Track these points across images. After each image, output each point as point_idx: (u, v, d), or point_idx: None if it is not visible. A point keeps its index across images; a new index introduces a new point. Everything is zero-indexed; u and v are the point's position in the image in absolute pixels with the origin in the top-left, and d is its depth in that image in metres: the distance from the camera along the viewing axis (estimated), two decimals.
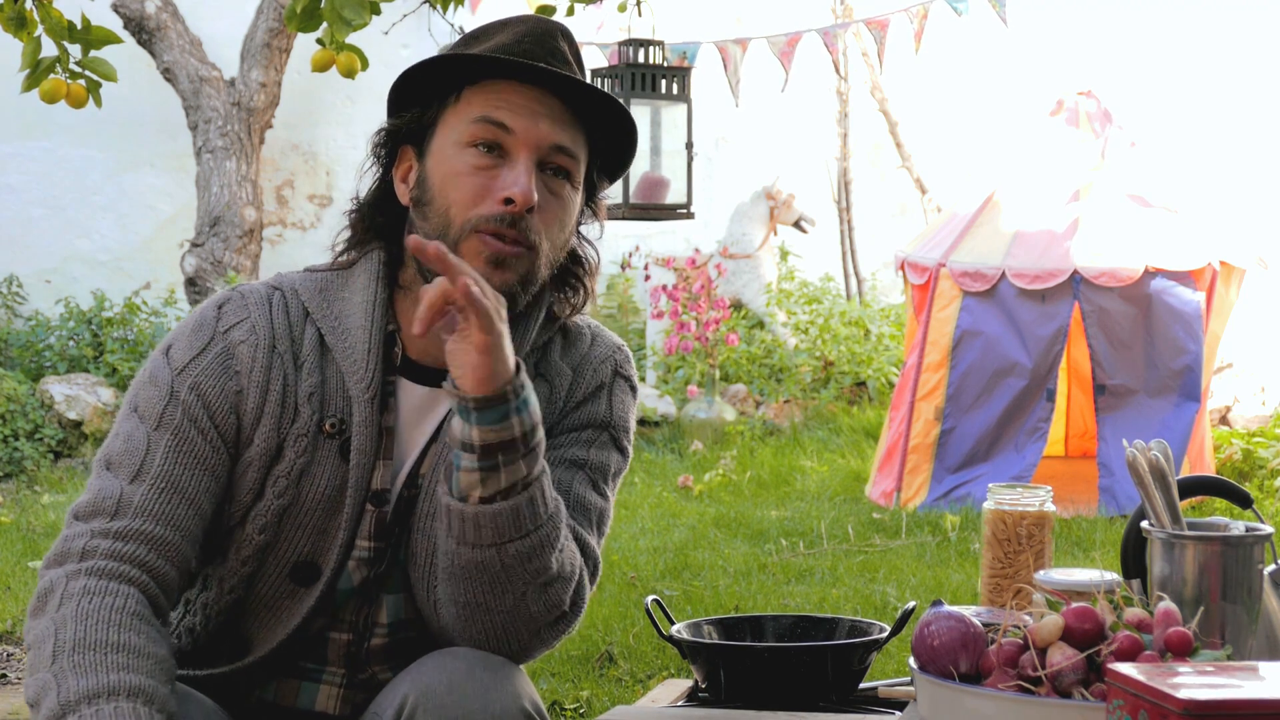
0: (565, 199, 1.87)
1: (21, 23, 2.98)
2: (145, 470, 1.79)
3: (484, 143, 1.82)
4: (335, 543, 1.87)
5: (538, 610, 1.79)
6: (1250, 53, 9.75)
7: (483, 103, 1.83)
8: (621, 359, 2.01)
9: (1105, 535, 5.91)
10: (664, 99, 4.46)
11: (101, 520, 1.76)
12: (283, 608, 1.90)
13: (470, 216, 1.81)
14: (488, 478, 1.72)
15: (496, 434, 1.70)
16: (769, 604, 4.91)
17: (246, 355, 1.85)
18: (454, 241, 1.81)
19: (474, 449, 1.71)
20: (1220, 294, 6.51)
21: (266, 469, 1.85)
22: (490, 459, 1.71)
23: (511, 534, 1.74)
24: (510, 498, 1.73)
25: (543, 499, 1.75)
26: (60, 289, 9.13)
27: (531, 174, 1.82)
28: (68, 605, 1.69)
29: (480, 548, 1.75)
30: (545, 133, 1.83)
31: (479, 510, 1.73)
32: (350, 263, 1.93)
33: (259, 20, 8.91)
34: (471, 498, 1.73)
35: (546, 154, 1.84)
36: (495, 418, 1.70)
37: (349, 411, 1.86)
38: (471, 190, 1.82)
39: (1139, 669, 1.39)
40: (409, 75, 1.87)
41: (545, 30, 1.87)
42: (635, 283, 9.50)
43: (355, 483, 1.86)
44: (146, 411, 1.83)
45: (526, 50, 1.84)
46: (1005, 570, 2.19)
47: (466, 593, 1.78)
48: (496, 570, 1.76)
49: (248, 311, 1.88)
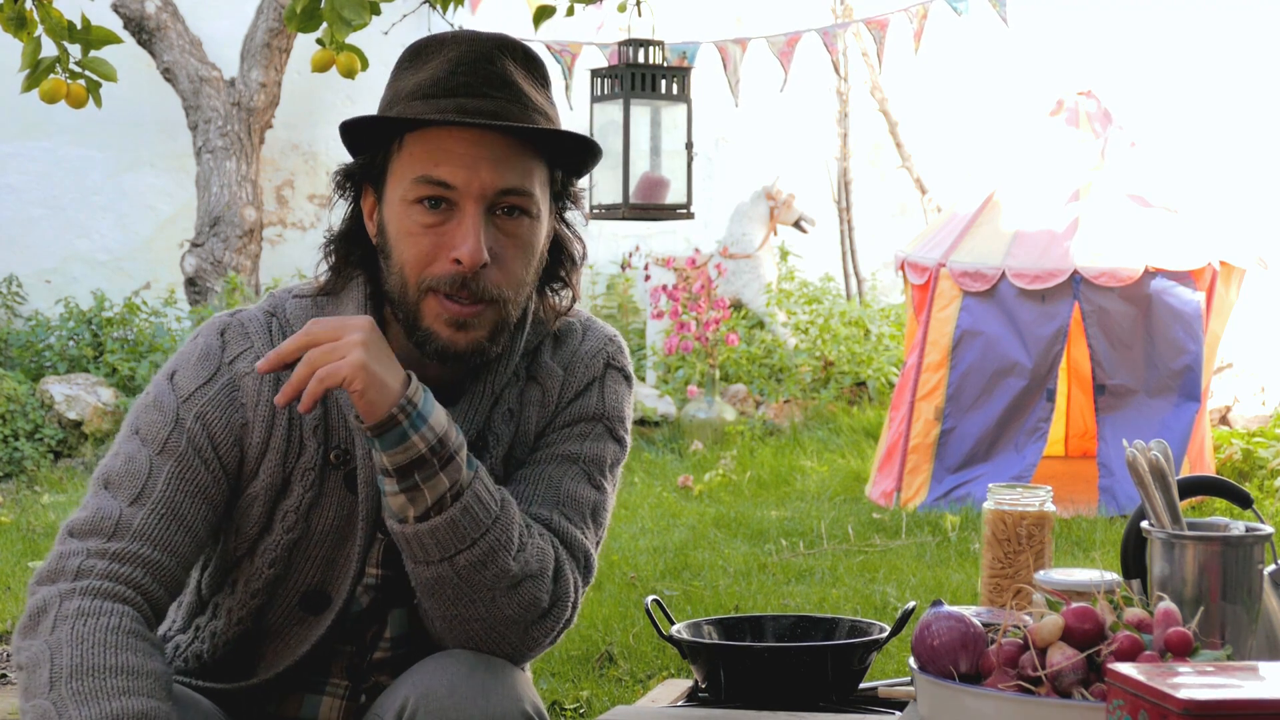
0: (524, 236, 1.83)
1: (21, 23, 2.98)
2: (146, 494, 1.78)
3: (428, 199, 1.78)
4: (346, 573, 1.87)
5: (513, 612, 1.78)
6: (1250, 53, 9.75)
7: (422, 156, 1.78)
8: (613, 350, 1.99)
9: (1105, 535, 5.91)
10: (664, 99, 4.46)
11: (98, 540, 1.75)
12: (293, 634, 1.90)
13: (424, 277, 1.79)
14: (413, 497, 1.72)
15: (403, 455, 1.70)
16: (769, 604, 4.91)
17: (252, 388, 1.84)
18: (414, 302, 1.80)
19: (390, 473, 1.72)
20: (1220, 294, 6.50)
21: (273, 503, 1.85)
22: (408, 479, 1.71)
23: (456, 545, 1.74)
24: (444, 511, 1.73)
25: (480, 506, 1.75)
26: (60, 289, 9.13)
27: (479, 228, 1.77)
28: (62, 628, 1.67)
29: (431, 564, 1.75)
30: (488, 180, 1.77)
31: (417, 529, 1.74)
32: (337, 289, 1.91)
33: (259, 20, 8.91)
34: (408, 518, 1.74)
35: (494, 200, 1.79)
36: (393, 441, 1.70)
37: (351, 441, 1.86)
38: (422, 251, 1.79)
39: (1139, 669, 1.39)
40: (348, 129, 1.82)
41: (480, 54, 1.81)
42: (635, 283, 9.50)
43: (365, 514, 1.86)
44: (149, 436, 1.82)
45: (461, 85, 1.78)
46: (1005, 570, 2.19)
47: (439, 607, 1.79)
48: (455, 583, 1.76)
49: (250, 341, 1.87)
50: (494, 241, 1.80)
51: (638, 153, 4.47)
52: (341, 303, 1.90)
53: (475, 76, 1.80)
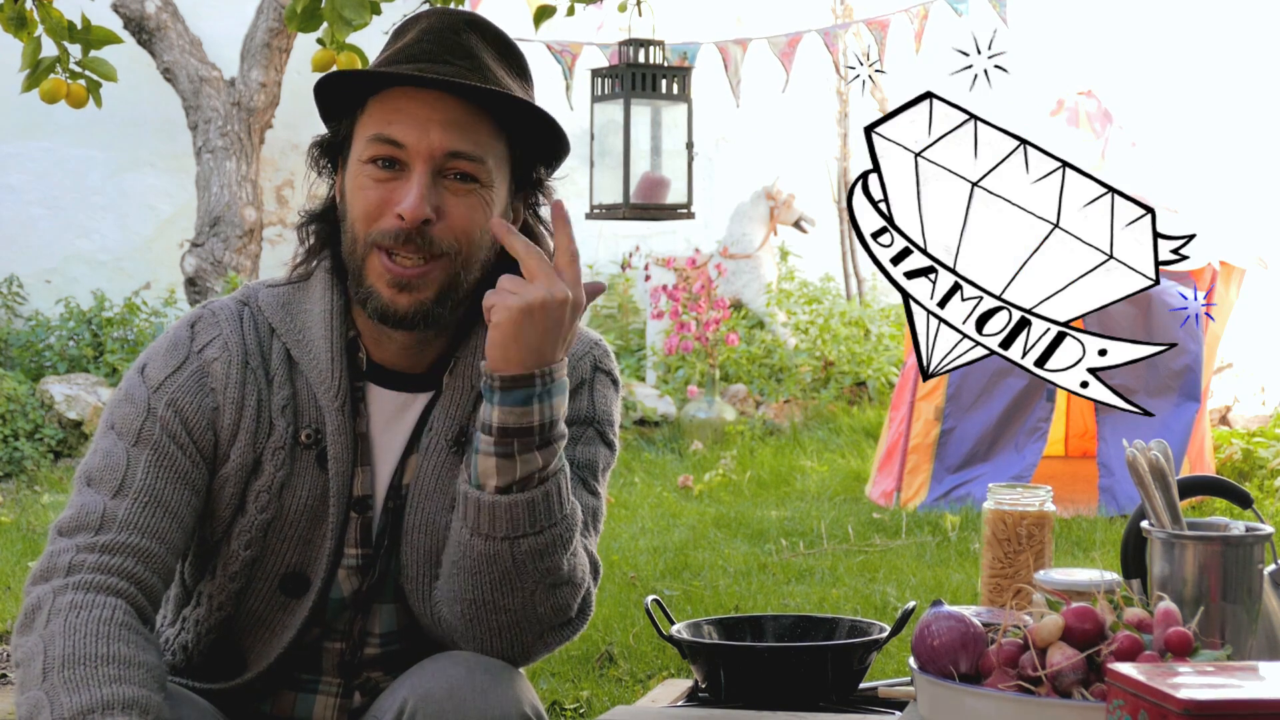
0: (474, 201, 1.83)
1: (21, 23, 2.98)
2: (127, 485, 1.79)
3: (380, 159, 1.82)
4: (322, 552, 1.88)
5: (544, 612, 1.79)
6: (1250, 53, 9.75)
7: (378, 117, 1.83)
8: (600, 354, 2.00)
9: (1105, 535, 5.91)
10: (664, 99, 4.46)
11: (86, 535, 1.76)
12: (275, 621, 1.90)
13: (370, 231, 1.82)
14: (503, 465, 1.73)
15: (515, 418, 1.71)
16: (769, 604, 4.91)
17: (220, 372, 1.85)
18: (360, 258, 1.83)
19: (491, 430, 1.72)
20: (1220, 294, 6.51)
21: (245, 484, 1.86)
22: (506, 444, 1.72)
23: (526, 528, 1.74)
24: (527, 490, 1.74)
25: (559, 497, 1.76)
26: (60, 289, 9.13)
27: (424, 187, 1.80)
28: (56, 621, 1.68)
29: (494, 540, 1.75)
30: (437, 142, 1.80)
31: (494, 500, 1.74)
32: (307, 274, 1.94)
33: (259, 20, 8.91)
34: (488, 486, 1.74)
35: (443, 162, 1.81)
36: (517, 400, 1.71)
37: (322, 421, 1.87)
38: (370, 205, 1.82)
39: (1139, 669, 1.39)
40: (319, 94, 1.88)
41: (447, 25, 1.86)
42: (635, 283, 9.50)
43: (336, 490, 1.86)
44: (124, 428, 1.83)
45: (424, 52, 1.83)
46: (1005, 570, 2.19)
47: (475, 589, 1.78)
48: (507, 565, 1.76)
49: (220, 329, 1.89)
50: (440, 200, 1.82)
51: (638, 153, 4.47)
52: (310, 287, 1.92)
53: (439, 45, 1.84)
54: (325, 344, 1.87)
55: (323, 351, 1.87)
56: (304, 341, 1.89)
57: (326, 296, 1.90)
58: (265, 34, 8.87)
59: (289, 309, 1.91)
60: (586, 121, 4.52)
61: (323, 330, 1.88)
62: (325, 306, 1.89)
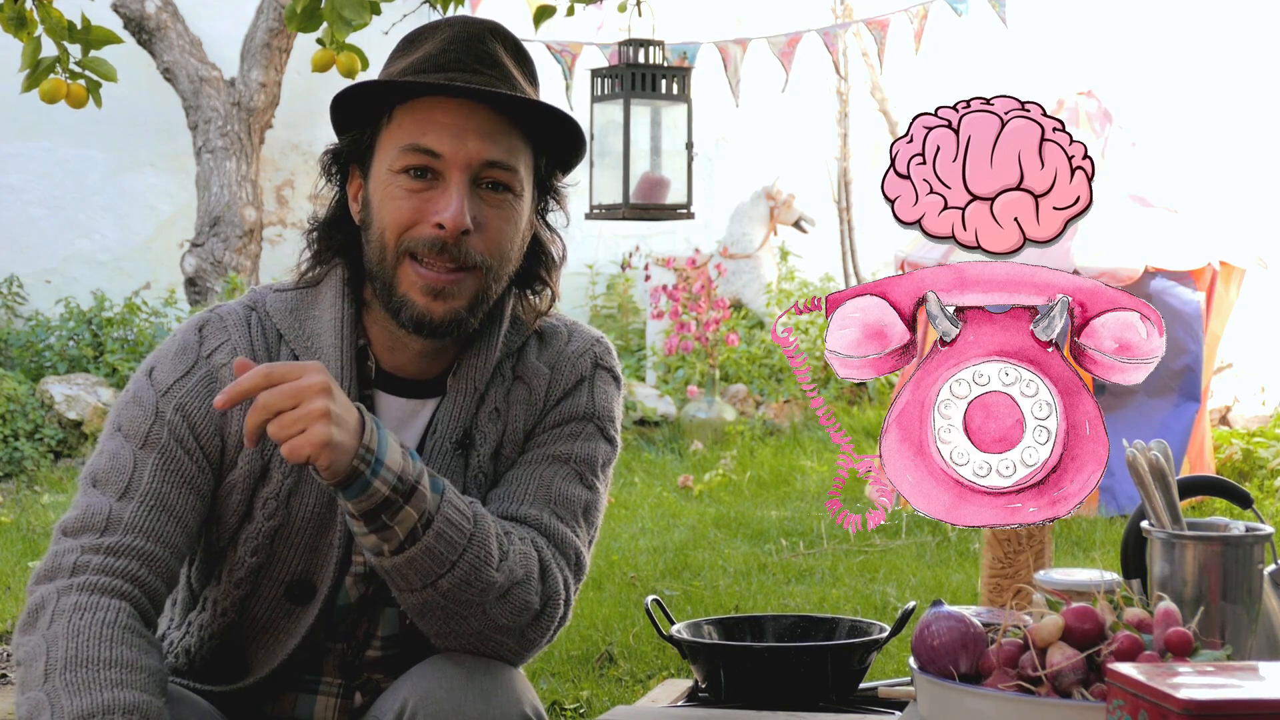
0: (507, 211, 1.85)
1: (21, 23, 2.98)
2: (133, 488, 1.79)
3: (414, 168, 1.81)
4: (330, 560, 1.88)
5: (506, 620, 1.79)
6: (1250, 53, 9.75)
7: (410, 126, 1.82)
8: (601, 351, 2.01)
9: (1105, 535, 5.91)
10: (664, 99, 4.46)
11: (91, 536, 1.75)
12: (280, 628, 1.90)
13: (404, 240, 1.81)
14: (385, 535, 1.72)
15: (367, 501, 1.70)
16: (769, 604, 4.91)
17: (229, 379, 1.84)
18: (391, 266, 1.82)
19: (357, 518, 1.72)
20: (1220, 294, 6.50)
21: (253, 491, 1.86)
22: (375, 521, 1.72)
23: (436, 571, 1.74)
24: (418, 542, 1.73)
25: (453, 529, 1.75)
26: (60, 289, 9.13)
27: (463, 196, 1.80)
28: (59, 622, 1.68)
29: (415, 591, 1.76)
30: (474, 151, 1.81)
31: (394, 562, 1.74)
32: (316, 280, 1.93)
33: (259, 20, 8.91)
34: (385, 552, 1.74)
35: (479, 171, 1.82)
36: (356, 491, 1.69)
37: None
38: (404, 214, 1.82)
39: (1139, 669, 1.39)
40: (339, 101, 1.87)
41: (472, 34, 1.85)
42: (635, 283, 9.50)
43: None
44: (131, 431, 1.83)
45: (452, 61, 1.83)
46: (1005, 570, 2.19)
47: (433, 626, 1.80)
48: (441, 605, 1.77)
49: (228, 334, 1.89)
50: (477, 211, 1.82)
51: (638, 153, 4.47)
52: (320, 294, 1.92)
53: (467, 54, 1.84)
54: (335, 352, 1.87)
55: (332, 360, 1.87)
56: (312, 348, 1.88)
57: (338, 305, 1.89)
58: (265, 34, 8.87)
59: (297, 315, 1.91)
60: (586, 122, 4.51)
61: (333, 339, 1.88)
62: (336, 315, 1.89)
